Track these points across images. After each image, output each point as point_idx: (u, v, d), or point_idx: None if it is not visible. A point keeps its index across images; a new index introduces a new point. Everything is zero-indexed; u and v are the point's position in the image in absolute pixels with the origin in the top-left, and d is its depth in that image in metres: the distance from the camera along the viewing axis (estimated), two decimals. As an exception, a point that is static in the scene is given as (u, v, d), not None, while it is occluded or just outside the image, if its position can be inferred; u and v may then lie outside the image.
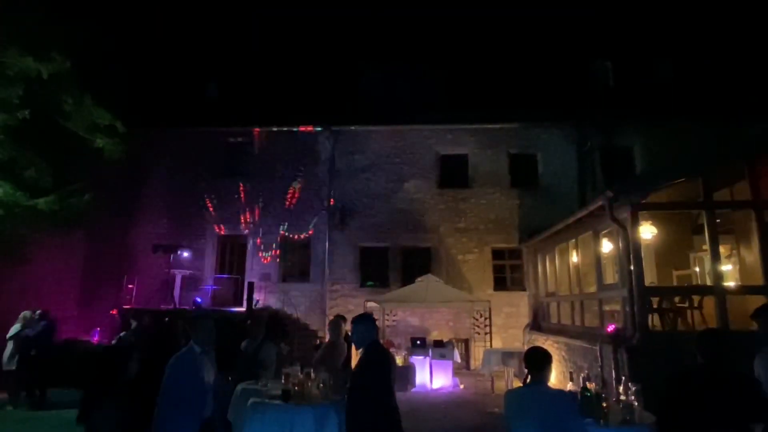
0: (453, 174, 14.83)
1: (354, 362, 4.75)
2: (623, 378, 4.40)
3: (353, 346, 4.93)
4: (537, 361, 3.32)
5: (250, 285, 12.57)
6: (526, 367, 3.34)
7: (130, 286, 13.50)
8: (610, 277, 9.10)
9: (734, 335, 6.76)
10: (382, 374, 3.62)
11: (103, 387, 3.44)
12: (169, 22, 15.52)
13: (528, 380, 3.31)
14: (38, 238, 11.78)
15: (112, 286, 13.82)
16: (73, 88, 10.84)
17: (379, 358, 3.69)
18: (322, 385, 4.53)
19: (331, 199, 14.76)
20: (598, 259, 9.05)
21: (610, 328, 7.71)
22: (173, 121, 15.23)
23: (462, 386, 10.76)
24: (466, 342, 13.58)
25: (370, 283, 14.42)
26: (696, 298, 8.01)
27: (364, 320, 3.89)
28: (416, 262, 14.26)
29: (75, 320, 13.13)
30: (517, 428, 3.16)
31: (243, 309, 12.57)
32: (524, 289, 13.78)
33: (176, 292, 13.48)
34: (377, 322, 4.05)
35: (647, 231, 8.79)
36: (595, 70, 15.73)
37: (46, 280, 12.67)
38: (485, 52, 15.35)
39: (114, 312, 11.67)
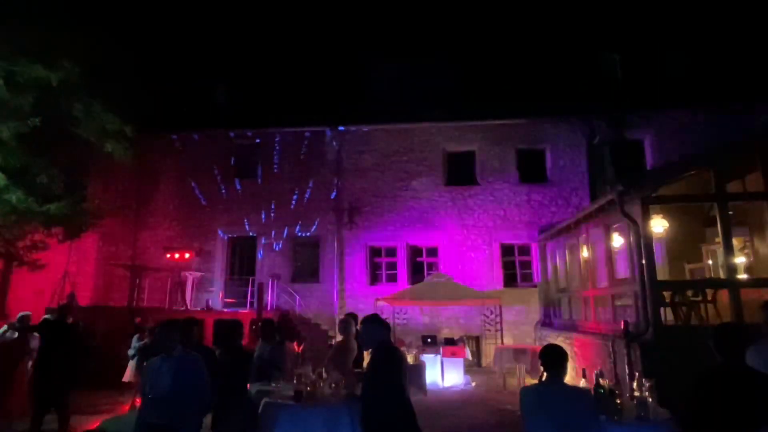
0: (460, 171, 14.79)
1: (365, 362, 4.76)
2: (636, 374, 4.36)
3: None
4: (553, 358, 3.29)
5: (260, 286, 12.64)
6: (541, 365, 3.31)
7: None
8: (622, 271, 9.02)
9: (749, 329, 6.71)
10: (391, 373, 3.62)
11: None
12: (176, 27, 15.61)
13: (544, 378, 3.28)
14: (51, 243, 11.96)
15: (124, 288, 13.95)
16: (82, 95, 10.97)
17: (387, 357, 3.69)
18: (334, 385, 4.55)
19: (340, 199, 14.79)
20: (609, 253, 8.97)
21: (623, 323, 7.63)
22: (182, 125, 15.36)
23: (474, 384, 10.72)
24: (477, 339, 13.54)
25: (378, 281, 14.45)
26: (709, 292, 7.91)
27: (371, 321, 3.88)
28: (425, 260, 14.26)
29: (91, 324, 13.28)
30: (533, 425, 3.14)
31: (254, 310, 12.63)
32: (534, 285, 13.71)
33: (188, 293, 13.59)
34: (388, 321, 4.04)
35: (658, 224, 8.69)
36: (603, 63, 15.54)
37: (60, 283, 12.83)
38: (491, 47, 15.23)
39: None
